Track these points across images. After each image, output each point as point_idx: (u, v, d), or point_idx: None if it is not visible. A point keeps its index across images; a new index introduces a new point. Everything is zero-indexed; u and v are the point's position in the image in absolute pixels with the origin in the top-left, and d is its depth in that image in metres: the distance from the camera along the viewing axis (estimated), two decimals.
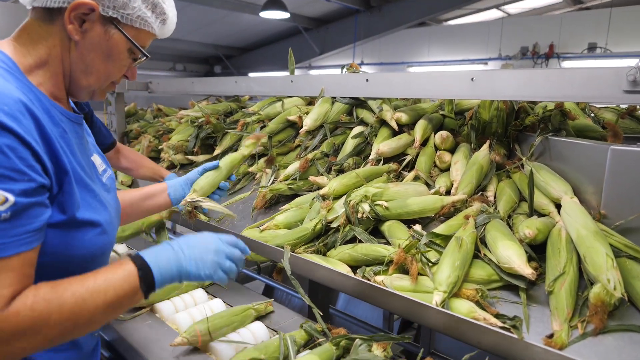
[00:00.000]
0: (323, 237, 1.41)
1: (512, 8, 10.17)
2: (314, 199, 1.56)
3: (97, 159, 1.02)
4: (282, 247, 1.36)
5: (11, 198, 0.69)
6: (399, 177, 1.63)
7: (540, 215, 1.28)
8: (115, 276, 0.80)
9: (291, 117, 1.96)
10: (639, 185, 1.08)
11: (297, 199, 1.63)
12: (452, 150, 1.67)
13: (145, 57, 0.96)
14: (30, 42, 0.86)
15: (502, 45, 9.37)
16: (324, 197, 1.52)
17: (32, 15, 0.87)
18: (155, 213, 1.46)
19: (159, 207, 1.37)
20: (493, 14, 10.46)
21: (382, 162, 1.68)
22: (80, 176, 0.87)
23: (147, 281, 0.83)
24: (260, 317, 1.48)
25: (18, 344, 0.70)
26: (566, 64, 8.56)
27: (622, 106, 1.75)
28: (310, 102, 2.18)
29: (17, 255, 0.71)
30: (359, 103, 1.92)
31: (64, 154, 0.82)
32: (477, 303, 1.06)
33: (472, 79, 1.45)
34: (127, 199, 1.29)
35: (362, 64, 11.29)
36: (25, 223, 0.72)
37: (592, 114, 1.67)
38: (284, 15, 8.42)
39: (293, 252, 1.35)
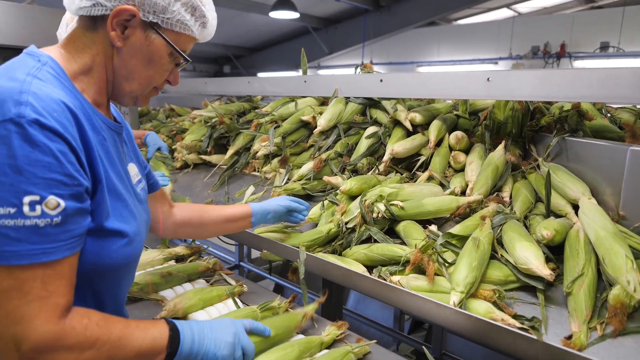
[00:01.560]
0: (339, 237, 1.42)
1: (522, 7, 10.10)
2: (325, 198, 1.56)
3: (133, 168, 1.02)
4: (298, 247, 1.37)
5: (62, 203, 0.71)
6: (412, 178, 1.63)
7: (557, 216, 1.27)
8: (152, 331, 0.85)
9: (305, 117, 1.97)
10: None
11: (313, 210, 1.60)
12: (467, 151, 1.67)
13: (186, 62, 0.96)
14: (76, 49, 0.88)
15: (512, 45, 9.30)
16: (337, 201, 1.52)
17: (78, 23, 0.89)
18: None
19: (239, 229, 1.40)
20: (503, 13, 10.40)
21: (394, 163, 1.69)
22: (114, 185, 0.87)
23: (172, 350, 0.86)
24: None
25: (63, 356, 0.73)
26: (578, 63, 8.48)
27: (639, 106, 1.74)
28: (323, 102, 2.18)
29: (66, 259, 0.74)
30: (372, 103, 1.92)
31: (100, 162, 0.83)
32: (495, 304, 1.06)
33: (488, 79, 1.45)
34: (211, 218, 1.33)
35: (371, 63, 11.28)
36: (72, 228, 0.74)
37: (609, 115, 1.66)
38: (294, 15, 8.43)
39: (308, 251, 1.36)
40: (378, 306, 3.20)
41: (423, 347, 1.27)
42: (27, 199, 0.68)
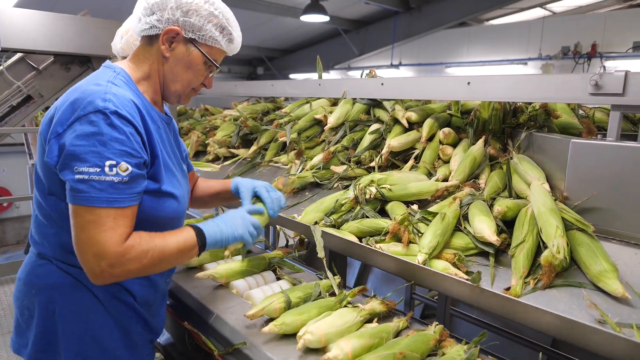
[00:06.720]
0: (337, 215, 1.70)
1: (556, 6, 9.99)
2: (332, 185, 1.85)
3: (176, 152, 1.33)
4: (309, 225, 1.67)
5: (130, 168, 1.04)
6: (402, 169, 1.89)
7: (521, 198, 1.51)
8: (183, 236, 1.16)
9: (317, 116, 2.27)
10: (593, 172, 1.30)
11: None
12: (455, 145, 1.92)
13: (217, 69, 1.27)
14: (138, 61, 1.22)
15: (542, 45, 9.26)
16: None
17: (140, 42, 1.23)
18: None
19: (225, 202, 1.67)
20: (536, 12, 10.30)
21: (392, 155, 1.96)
22: (166, 160, 1.21)
23: (201, 242, 1.18)
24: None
25: (128, 266, 1.05)
26: (609, 64, 8.37)
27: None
28: (335, 102, 2.47)
29: (130, 207, 1.06)
30: (376, 104, 2.20)
31: (157, 143, 1.16)
32: (454, 264, 1.32)
33: (468, 83, 1.71)
34: (205, 194, 1.61)
35: (400, 64, 11.43)
36: (135, 186, 1.06)
37: (582, 113, 1.87)
38: (324, 18, 8.74)
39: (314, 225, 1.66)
40: (392, 294, 3.47)
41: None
42: (107, 163, 1.01)
